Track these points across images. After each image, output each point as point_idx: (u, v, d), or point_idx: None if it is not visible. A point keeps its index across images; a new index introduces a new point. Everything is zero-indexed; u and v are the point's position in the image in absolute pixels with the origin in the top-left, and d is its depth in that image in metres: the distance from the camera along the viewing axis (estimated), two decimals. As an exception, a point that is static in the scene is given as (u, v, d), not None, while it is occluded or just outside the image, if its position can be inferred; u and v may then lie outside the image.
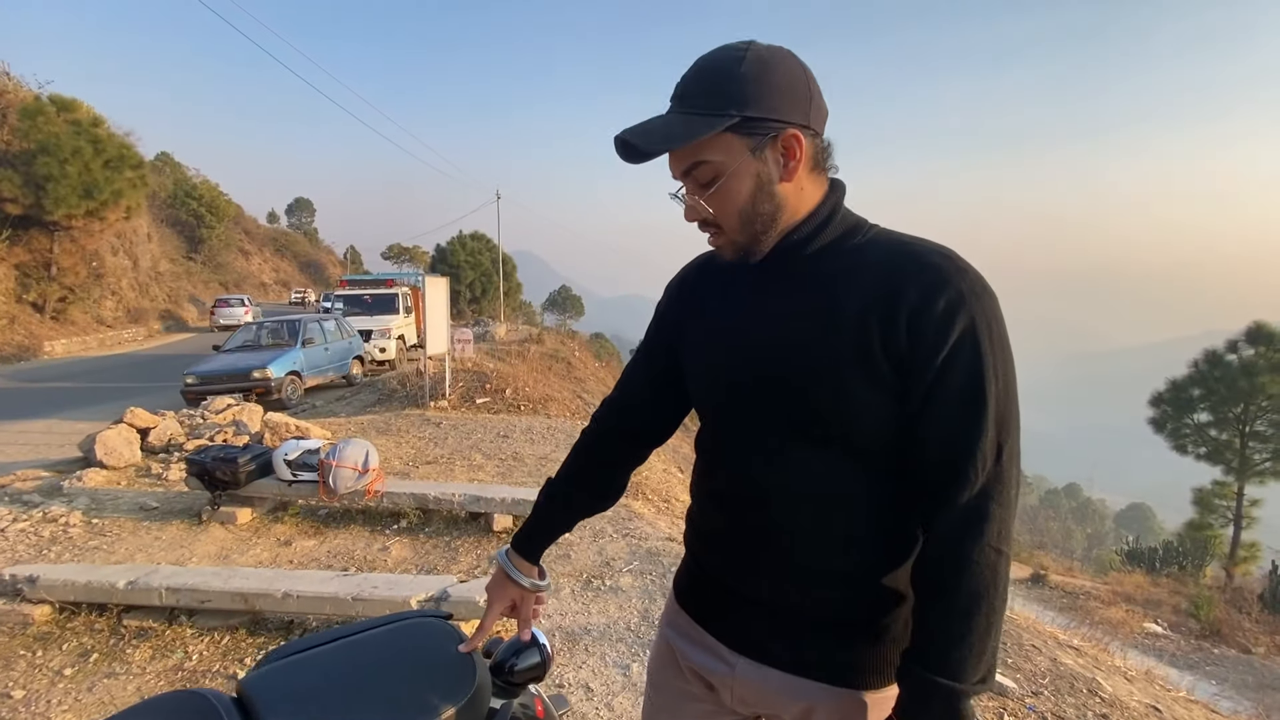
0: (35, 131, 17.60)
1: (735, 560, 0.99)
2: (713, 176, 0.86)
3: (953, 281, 0.81)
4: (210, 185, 41.01)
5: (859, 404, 0.84)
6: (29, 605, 2.86)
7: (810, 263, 0.91)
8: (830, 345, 0.86)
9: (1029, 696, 3.70)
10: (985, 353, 0.80)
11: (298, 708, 0.90)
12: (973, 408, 0.81)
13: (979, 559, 0.80)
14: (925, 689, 0.82)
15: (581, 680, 2.55)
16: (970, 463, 0.81)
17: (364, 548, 3.80)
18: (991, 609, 0.81)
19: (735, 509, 0.98)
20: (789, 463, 0.92)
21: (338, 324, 12.11)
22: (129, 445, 5.25)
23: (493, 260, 40.96)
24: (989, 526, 0.80)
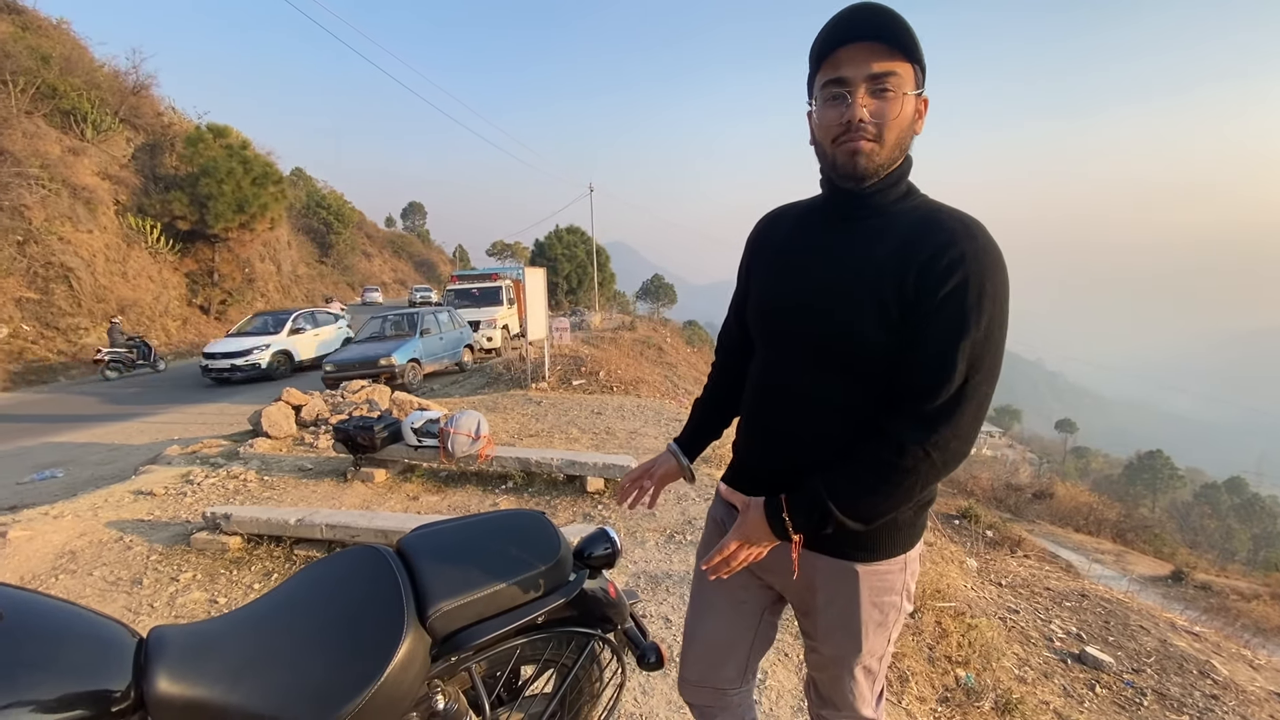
0: (197, 156, 20.27)
1: (763, 456, 1.22)
2: (897, 90, 1.00)
3: (959, 243, 0.97)
4: (337, 195, 45.02)
5: (868, 339, 1.02)
6: (225, 536, 3.59)
7: (870, 214, 1.08)
8: (859, 289, 1.04)
9: (1128, 673, 3.63)
10: (972, 302, 0.95)
11: (437, 554, 1.28)
12: (949, 346, 0.96)
13: (909, 448, 0.97)
14: (813, 495, 1.04)
15: (662, 613, 2.88)
16: (934, 386, 0.97)
17: (477, 503, 4.34)
18: (897, 487, 0.99)
19: (761, 412, 1.23)
20: (803, 375, 1.13)
21: (450, 315, 13.19)
22: (287, 419, 6.20)
23: (587, 252, 42.16)
24: (929, 434, 0.97)
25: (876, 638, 1.18)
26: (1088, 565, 11.09)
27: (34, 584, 3.22)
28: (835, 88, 1.02)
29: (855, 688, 1.24)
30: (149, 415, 9.61)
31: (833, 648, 1.21)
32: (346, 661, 1.05)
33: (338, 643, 1.09)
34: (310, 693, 1.01)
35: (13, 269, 15.16)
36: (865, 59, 0.99)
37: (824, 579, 1.17)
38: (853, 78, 1.00)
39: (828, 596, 1.18)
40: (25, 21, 19.85)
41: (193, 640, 1.01)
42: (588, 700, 1.54)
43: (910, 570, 1.18)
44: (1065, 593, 4.99)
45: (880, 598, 1.16)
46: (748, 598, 1.33)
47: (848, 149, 1.03)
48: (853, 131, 1.01)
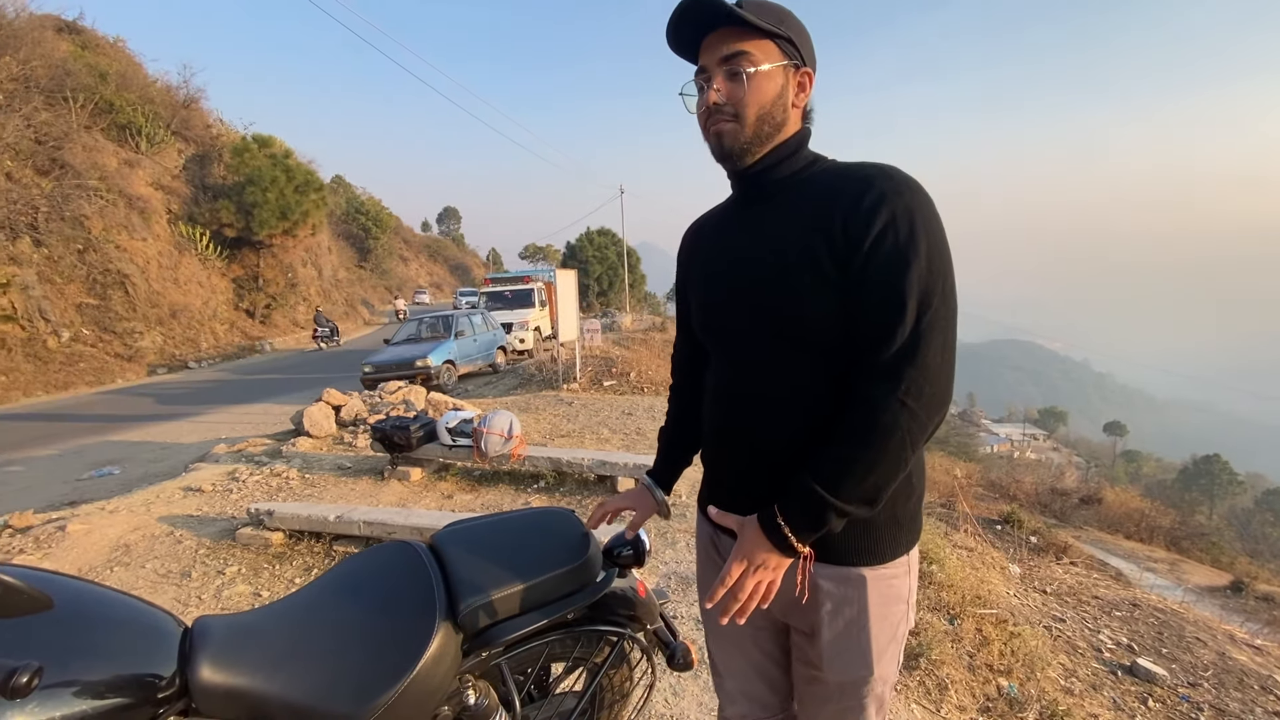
0: (243, 166, 21.05)
1: (731, 461, 1.15)
2: (751, 68, 1.00)
3: (877, 184, 0.94)
4: (375, 201, 46.18)
5: (811, 306, 0.97)
6: (268, 532, 3.70)
7: (776, 189, 1.06)
8: (784, 257, 1.01)
9: (1184, 687, 3.46)
10: (904, 237, 0.91)
11: (470, 551, 1.30)
12: (892, 284, 0.91)
13: (882, 404, 0.90)
14: (804, 491, 0.94)
15: (694, 614, 2.86)
16: (888, 329, 0.91)
17: (510, 502, 4.39)
18: (884, 450, 0.91)
19: (724, 416, 1.15)
20: (760, 366, 1.07)
21: (484, 318, 13.39)
22: (327, 419, 6.38)
23: (618, 254, 42.31)
24: (899, 383, 0.90)
25: (887, 658, 1.09)
26: (1139, 574, 10.63)
27: (90, 575, 3.37)
28: (699, 76, 1.05)
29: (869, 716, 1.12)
30: (197, 415, 10.00)
31: (840, 671, 1.10)
32: (381, 654, 1.07)
33: (373, 636, 1.11)
34: (346, 684, 1.03)
35: (74, 276, 15.95)
36: (719, 44, 1.01)
37: (828, 590, 1.07)
38: (709, 64, 1.03)
39: (834, 609, 1.07)
40: (84, 40, 20.91)
41: (235, 631, 1.04)
42: (617, 699, 1.54)
43: (914, 573, 1.11)
44: (1115, 602, 4.79)
45: (889, 607, 1.07)
46: (764, 623, 1.22)
47: (712, 132, 1.05)
48: (713, 114, 1.04)
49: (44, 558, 3.52)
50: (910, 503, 1.07)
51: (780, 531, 0.96)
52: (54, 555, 3.55)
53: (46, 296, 15.11)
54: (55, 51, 18.02)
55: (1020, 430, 75.36)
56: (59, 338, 14.97)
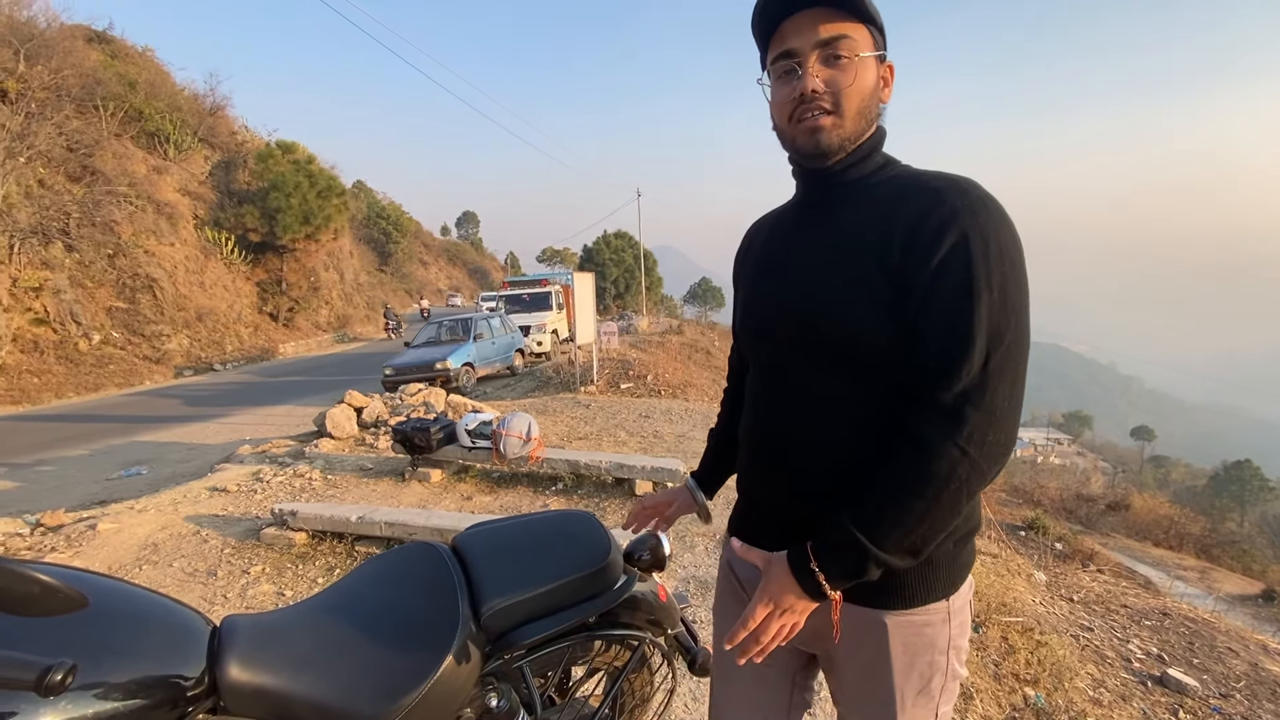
0: (267, 172, 21.46)
1: (766, 484, 1.04)
2: (853, 54, 0.90)
3: (948, 200, 0.84)
4: (395, 205, 46.77)
5: (860, 326, 0.88)
6: (291, 532, 3.76)
7: (843, 193, 0.97)
8: (839, 272, 0.92)
9: (1215, 698, 3.38)
10: (977, 262, 0.81)
11: (491, 553, 1.30)
12: (960, 316, 0.81)
13: (940, 449, 0.80)
14: (842, 535, 0.85)
15: (713, 619, 2.84)
16: (952, 367, 0.81)
17: (528, 504, 4.41)
18: (937, 500, 0.81)
19: (763, 434, 1.04)
20: (803, 382, 0.97)
21: (502, 321, 13.49)
22: (349, 420, 6.46)
23: (635, 257, 42.38)
24: (960, 428, 0.80)
25: (918, 710, 0.96)
26: (1169, 582, 10.38)
27: (120, 573, 3.44)
28: (785, 61, 0.93)
29: None
30: (223, 416, 10.19)
31: (862, 715, 1.01)
32: (404, 655, 1.08)
33: (396, 636, 1.12)
34: (370, 684, 1.04)
35: (104, 280, 16.37)
36: (812, 25, 0.90)
37: (846, 632, 0.95)
38: (801, 48, 0.91)
39: (850, 653, 0.98)
40: (114, 50, 21.49)
41: (261, 630, 1.05)
42: (638, 703, 1.54)
43: (958, 622, 0.97)
44: (1145, 610, 4.68)
45: (918, 657, 0.94)
46: (773, 661, 1.08)
47: (805, 126, 0.93)
48: (807, 104, 0.92)
49: (75, 555, 3.61)
50: (949, 541, 0.91)
51: (811, 575, 0.87)
52: (85, 553, 3.63)
53: (78, 300, 15.52)
54: (86, 61, 18.53)
55: (1044, 434, 73.98)
56: (89, 340, 15.35)
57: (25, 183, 15.24)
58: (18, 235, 14.46)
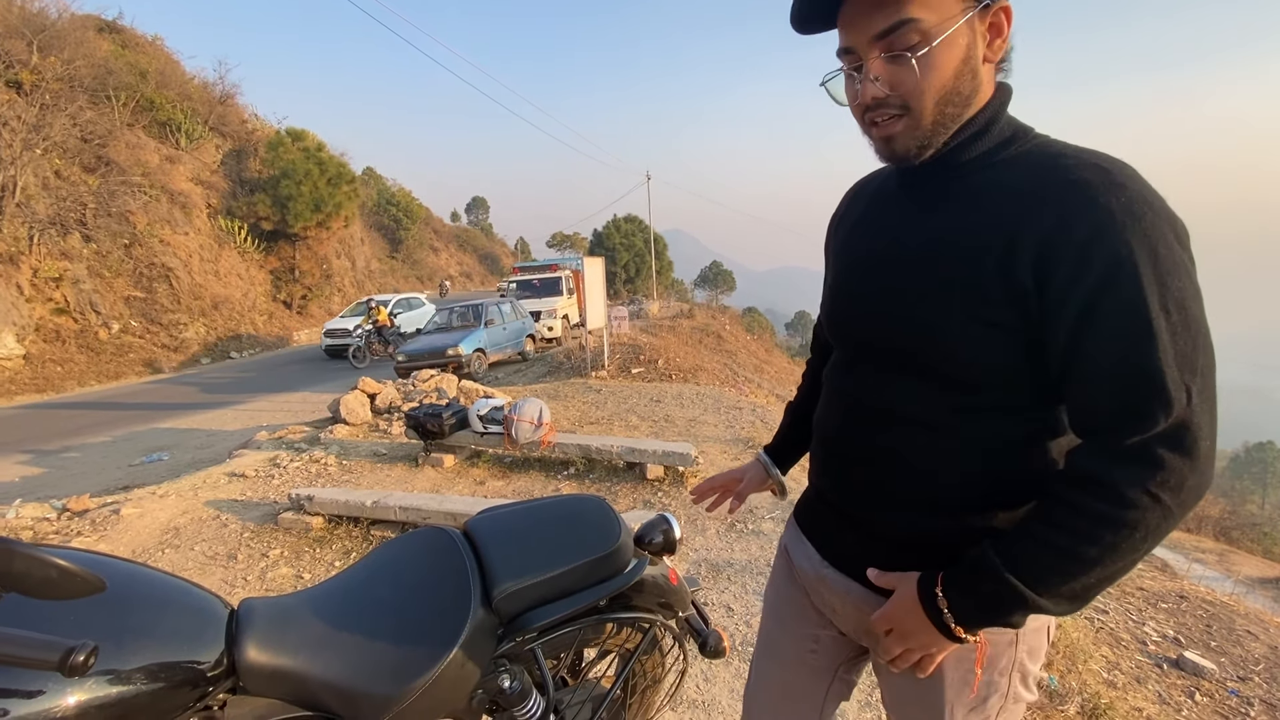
0: (277, 160, 21.50)
1: (837, 480, 0.99)
2: (918, 40, 0.72)
3: (1101, 200, 0.68)
4: (405, 192, 46.80)
5: (960, 337, 0.77)
6: (308, 516, 3.82)
7: (957, 176, 0.81)
8: (940, 271, 0.79)
9: (1233, 681, 3.36)
10: (1147, 284, 0.66)
11: (503, 537, 1.31)
12: (1138, 348, 0.67)
13: (1126, 494, 0.68)
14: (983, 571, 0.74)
15: (724, 601, 2.86)
16: (1144, 412, 0.67)
17: (541, 488, 4.44)
18: (1115, 548, 0.69)
19: (839, 431, 0.98)
20: (885, 387, 0.88)
21: (513, 306, 13.52)
22: (363, 407, 6.53)
23: (645, 241, 42.18)
24: (1154, 471, 0.67)
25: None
26: (1186, 565, 10.29)
27: (143, 557, 3.52)
28: (846, 57, 0.80)
29: None
30: (240, 403, 10.34)
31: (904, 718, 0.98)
32: (418, 638, 1.09)
33: (410, 620, 1.13)
34: (385, 666, 1.05)
35: (121, 270, 16.58)
36: (867, 12, 0.74)
37: None
38: (858, 44, 0.76)
39: None
40: (124, 40, 21.54)
41: (278, 613, 1.07)
42: (649, 685, 1.55)
43: (1027, 646, 0.87)
44: (1161, 593, 4.64)
45: (972, 672, 0.86)
46: (819, 649, 1.07)
47: (876, 135, 0.80)
48: (873, 112, 0.78)
49: (100, 540, 3.69)
50: None
51: (937, 609, 0.78)
52: (109, 537, 3.72)
53: (96, 290, 15.74)
54: (97, 51, 18.59)
55: (1060, 417, 73.07)
56: (109, 329, 15.60)
57: (42, 174, 15.42)
58: (37, 226, 14.66)
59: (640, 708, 1.56)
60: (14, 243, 14.07)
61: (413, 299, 18.16)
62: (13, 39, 16.02)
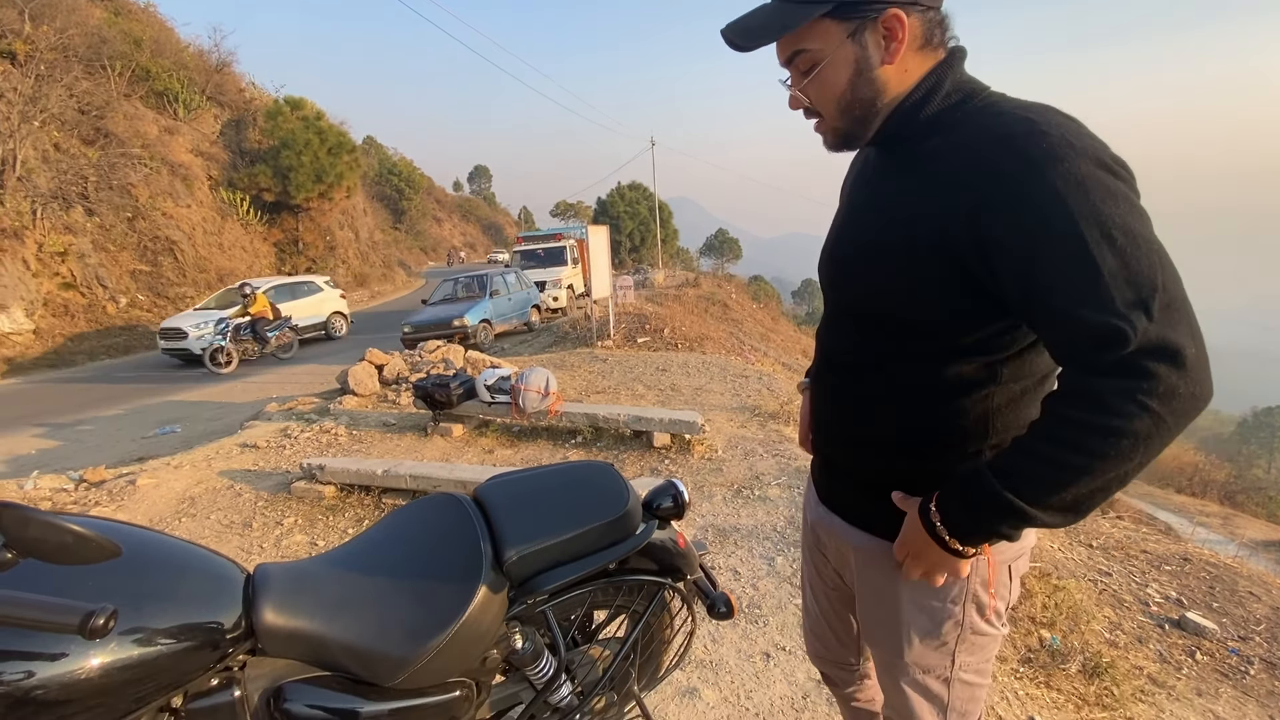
0: (277, 129, 21.23)
1: (819, 425, 1.12)
2: (811, 65, 0.86)
3: (1025, 150, 0.73)
4: (406, 162, 46.25)
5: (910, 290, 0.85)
6: (320, 485, 3.87)
7: (910, 143, 0.88)
8: (896, 230, 0.86)
9: (1234, 641, 3.40)
10: (1081, 218, 0.70)
11: (512, 502, 1.32)
12: (1085, 281, 0.70)
13: (1118, 406, 0.70)
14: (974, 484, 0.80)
15: (730, 566, 2.90)
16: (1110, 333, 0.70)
17: (548, 457, 4.48)
18: (1103, 458, 0.71)
19: (820, 382, 1.10)
20: (851, 337, 0.99)
21: (517, 276, 13.46)
22: (371, 378, 6.57)
23: (650, 209, 41.70)
24: (1146, 382, 0.69)
25: (927, 649, 0.97)
26: (1190, 529, 10.35)
27: (160, 526, 3.59)
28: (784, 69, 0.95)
29: (912, 706, 1.02)
30: (249, 376, 10.41)
31: (874, 646, 1.06)
32: (431, 600, 1.11)
33: (423, 583, 1.15)
34: (399, 628, 1.08)
35: (125, 243, 16.55)
36: (781, 44, 0.89)
37: (860, 560, 1.02)
38: (782, 63, 0.92)
39: (869, 586, 1.03)
40: (117, 7, 21.08)
41: (293, 577, 1.09)
42: (659, 646, 1.58)
43: (980, 576, 0.92)
44: (1165, 556, 4.68)
45: (927, 600, 0.94)
46: (841, 584, 1.20)
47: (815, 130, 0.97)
48: (807, 118, 0.95)
49: (118, 509, 3.76)
50: None
51: (934, 526, 0.83)
52: (126, 507, 3.79)
53: (102, 264, 15.75)
54: (89, 19, 18.24)
55: (1067, 383, 72.79)
56: (117, 304, 15.66)
57: (41, 147, 15.29)
58: (39, 200, 14.60)
59: (650, 668, 1.59)
60: (17, 217, 14.03)
61: (304, 283, 14.15)
62: (4, 8, 15.71)
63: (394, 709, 1.08)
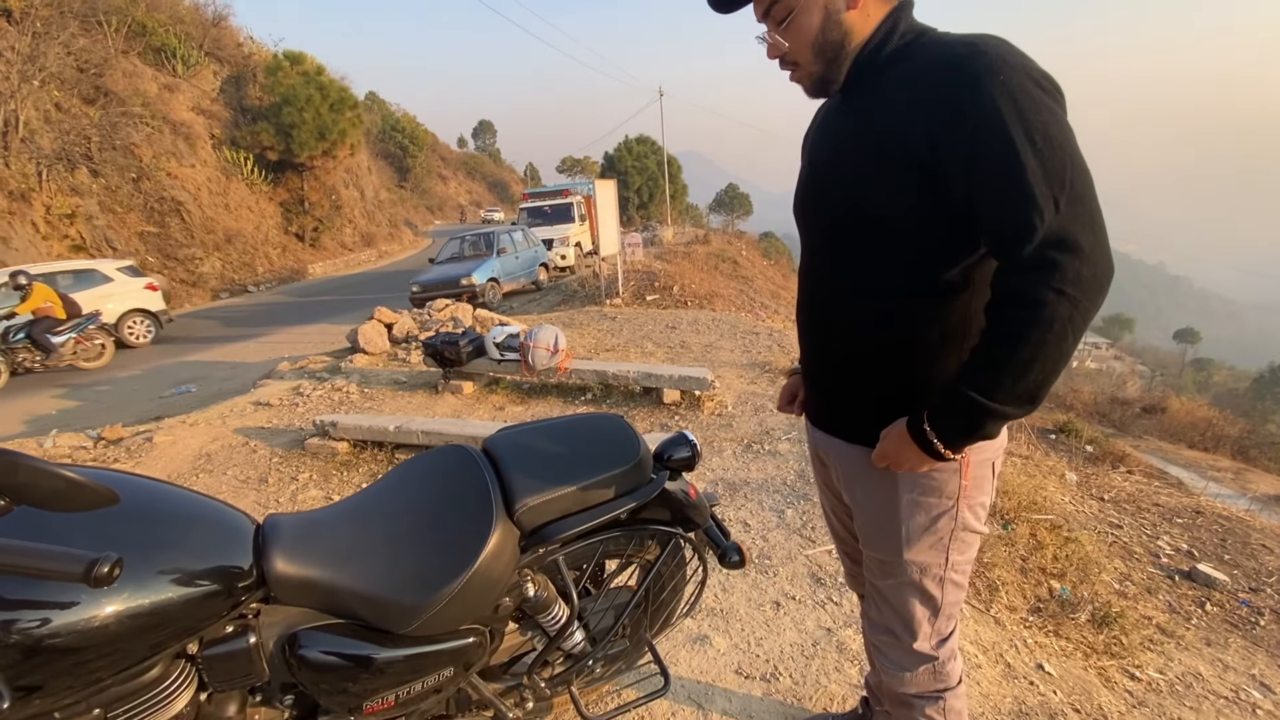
0: (277, 85, 20.78)
1: (806, 354, 1.21)
2: (786, 13, 0.98)
3: (967, 68, 0.85)
4: (410, 118, 45.36)
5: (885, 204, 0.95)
6: (334, 441, 3.91)
7: (869, 78, 0.99)
8: (867, 149, 0.97)
9: (1244, 592, 3.40)
10: (1011, 122, 0.82)
11: (522, 454, 1.31)
12: (1011, 174, 0.83)
13: (1034, 295, 0.84)
14: (954, 398, 0.92)
15: (741, 518, 2.91)
16: (1022, 226, 0.83)
17: (559, 413, 4.49)
18: (1043, 343, 0.84)
19: (804, 307, 1.18)
20: (831, 267, 1.08)
21: (525, 234, 13.30)
22: (380, 336, 6.58)
23: (658, 164, 40.83)
24: (1052, 271, 0.83)
25: (925, 546, 1.07)
26: (1201, 483, 10.33)
27: (177, 481, 3.66)
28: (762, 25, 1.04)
29: (907, 608, 1.12)
30: (261, 336, 10.48)
31: (873, 547, 1.13)
32: (443, 549, 1.11)
33: (434, 532, 1.15)
34: (411, 576, 1.08)
35: (132, 205, 16.48)
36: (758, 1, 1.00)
37: (859, 468, 1.10)
38: (759, 18, 1.02)
39: (867, 490, 1.11)
40: (109, -42, 20.46)
41: (303, 527, 1.09)
42: (670, 595, 1.59)
43: (976, 476, 1.04)
44: (1177, 509, 4.67)
45: (924, 497, 1.04)
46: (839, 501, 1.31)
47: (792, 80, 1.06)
48: (782, 66, 1.04)
49: (136, 465, 3.83)
50: None
51: (928, 440, 0.94)
52: (144, 464, 3.86)
53: (110, 226, 15.73)
54: (82, -28, 17.72)
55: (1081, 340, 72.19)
56: (127, 265, 15.69)
57: (42, 107, 15.09)
58: (44, 162, 14.50)
59: (661, 616, 1.61)
60: (23, 179, 13.96)
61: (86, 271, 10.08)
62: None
63: (408, 655, 1.08)
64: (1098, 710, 1.97)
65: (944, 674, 1.15)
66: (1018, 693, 1.92)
